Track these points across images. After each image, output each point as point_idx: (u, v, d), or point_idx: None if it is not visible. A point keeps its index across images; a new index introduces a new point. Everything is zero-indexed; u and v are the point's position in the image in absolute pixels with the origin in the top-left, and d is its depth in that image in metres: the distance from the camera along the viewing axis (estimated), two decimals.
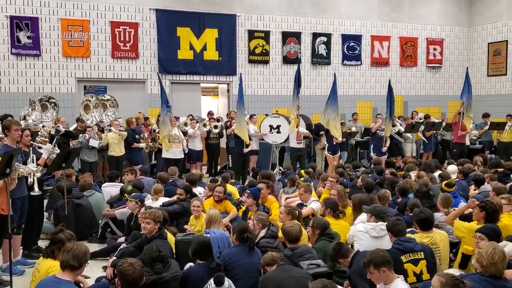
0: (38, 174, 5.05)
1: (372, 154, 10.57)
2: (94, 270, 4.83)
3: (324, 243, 4.34)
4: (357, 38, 13.97)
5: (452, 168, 7.78)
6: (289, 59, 13.28)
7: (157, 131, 9.99)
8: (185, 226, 5.37)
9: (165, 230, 4.65)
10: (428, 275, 3.72)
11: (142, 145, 9.50)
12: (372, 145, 10.92)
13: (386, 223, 4.30)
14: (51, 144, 5.47)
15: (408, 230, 4.52)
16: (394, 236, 3.96)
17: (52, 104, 9.03)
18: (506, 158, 10.75)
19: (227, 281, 3.67)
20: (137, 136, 9.55)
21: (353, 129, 11.75)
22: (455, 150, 11.46)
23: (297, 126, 10.48)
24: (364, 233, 4.49)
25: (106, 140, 9.03)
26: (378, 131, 10.65)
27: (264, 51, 13.00)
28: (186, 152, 9.76)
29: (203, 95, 13.60)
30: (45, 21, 11.02)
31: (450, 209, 5.08)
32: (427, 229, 4.23)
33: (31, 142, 5.36)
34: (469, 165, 8.19)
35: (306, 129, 10.84)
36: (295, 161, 10.25)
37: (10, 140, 4.97)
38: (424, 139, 11.71)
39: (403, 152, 11.37)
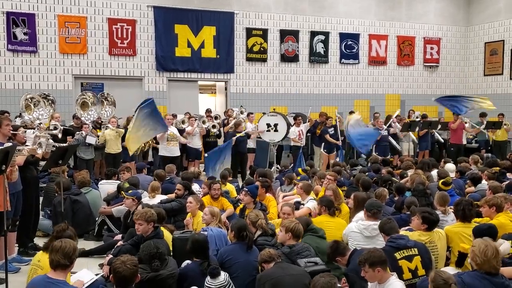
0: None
1: (374, 153, 10.56)
2: (90, 268, 4.82)
3: (309, 237, 4.38)
4: (355, 37, 13.98)
5: (450, 167, 7.80)
6: (287, 57, 13.27)
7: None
8: (185, 221, 5.37)
9: (162, 228, 4.63)
10: (423, 271, 3.74)
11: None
12: (374, 145, 10.91)
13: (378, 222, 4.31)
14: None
15: (406, 228, 4.54)
16: (386, 235, 3.99)
17: (50, 101, 8.97)
18: (501, 156, 10.83)
19: (224, 274, 3.68)
20: None
21: None
22: (452, 149, 11.52)
23: (298, 126, 10.51)
24: (357, 233, 4.50)
25: (104, 138, 9.00)
26: (380, 131, 10.65)
27: (262, 49, 12.99)
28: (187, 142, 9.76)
29: (200, 92, 13.58)
30: (41, 18, 10.96)
31: (447, 207, 5.10)
32: (431, 229, 4.25)
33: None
34: (466, 164, 8.23)
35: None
36: (296, 160, 10.25)
37: (1, 136, 4.94)
38: (414, 138, 11.72)
39: (399, 151, 11.39)
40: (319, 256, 4.05)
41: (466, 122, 11.79)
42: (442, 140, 12.09)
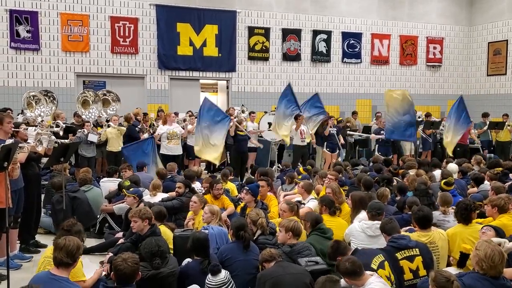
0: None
1: (377, 153, 10.53)
2: (91, 265, 4.82)
3: (315, 237, 4.34)
4: (357, 36, 13.95)
5: (453, 167, 7.78)
6: (289, 56, 13.26)
7: (155, 126, 9.94)
8: (186, 221, 5.36)
9: (160, 226, 4.62)
10: (424, 271, 3.72)
11: (145, 135, 9.45)
12: (377, 145, 10.88)
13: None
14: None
15: (406, 228, 4.52)
16: (388, 235, 3.97)
17: (51, 98, 8.99)
18: (504, 157, 10.80)
19: (224, 272, 3.68)
20: (137, 129, 9.54)
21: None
22: (458, 149, 11.50)
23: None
24: (360, 232, 4.47)
25: (105, 136, 9.02)
26: (382, 131, 10.62)
27: (264, 47, 12.98)
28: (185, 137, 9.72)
29: (202, 91, 13.58)
30: (44, 15, 10.98)
31: (448, 208, 5.07)
32: (425, 227, 4.21)
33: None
34: (468, 164, 8.20)
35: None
36: (298, 159, 10.24)
37: (2, 133, 4.94)
38: (425, 136, 11.71)
39: (401, 151, 11.37)
40: (324, 258, 3.99)
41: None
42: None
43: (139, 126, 9.71)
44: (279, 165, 10.58)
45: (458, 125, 9.61)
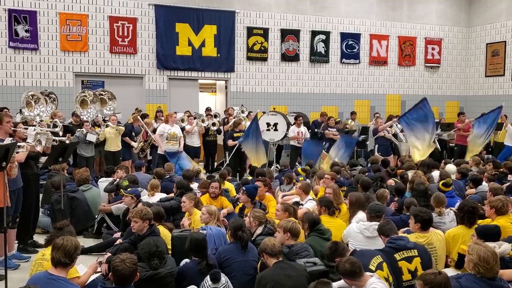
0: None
1: (376, 153, 10.53)
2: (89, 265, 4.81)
3: (314, 238, 4.34)
4: (356, 37, 13.96)
5: (451, 168, 7.78)
6: (287, 57, 13.26)
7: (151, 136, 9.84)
8: (184, 220, 5.35)
9: (158, 227, 4.61)
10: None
11: (134, 144, 9.40)
12: (376, 145, 10.88)
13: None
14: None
15: (404, 229, 4.53)
16: (385, 236, 3.98)
17: (51, 98, 8.99)
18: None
19: (224, 277, 3.67)
20: (133, 134, 9.50)
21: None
22: (455, 148, 11.53)
23: (298, 126, 10.50)
24: (358, 233, 4.47)
25: (104, 135, 9.00)
26: (382, 131, 10.63)
27: (262, 48, 12.98)
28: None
29: (201, 91, 13.59)
30: (43, 15, 10.96)
31: (442, 209, 5.07)
32: (426, 229, 4.23)
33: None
34: (466, 165, 8.21)
35: (304, 126, 10.80)
36: (295, 160, 10.25)
37: (2, 132, 4.93)
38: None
39: (399, 152, 11.38)
40: (322, 259, 3.99)
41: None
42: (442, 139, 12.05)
43: (136, 135, 9.63)
44: (278, 165, 10.59)
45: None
